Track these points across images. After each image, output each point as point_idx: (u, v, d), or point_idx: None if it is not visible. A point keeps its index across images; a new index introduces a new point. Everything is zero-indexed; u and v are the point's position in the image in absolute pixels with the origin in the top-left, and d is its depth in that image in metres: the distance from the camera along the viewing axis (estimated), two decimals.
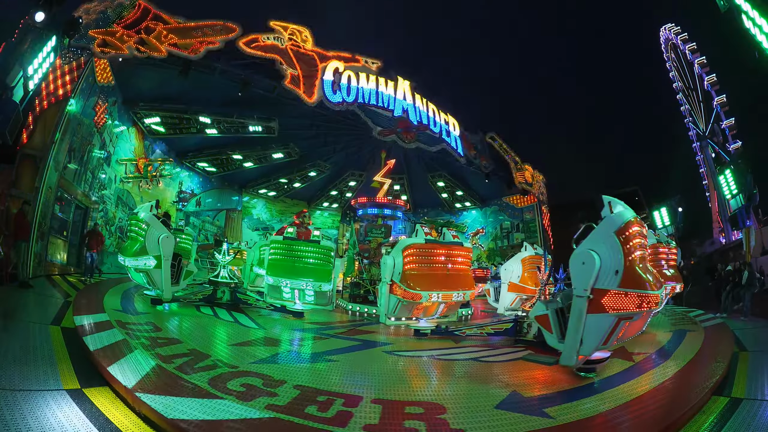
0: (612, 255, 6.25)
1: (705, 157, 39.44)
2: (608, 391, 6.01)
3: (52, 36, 12.41)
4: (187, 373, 5.62)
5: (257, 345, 8.28)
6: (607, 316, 6.19)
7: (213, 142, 26.85)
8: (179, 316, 10.35)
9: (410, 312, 11.39)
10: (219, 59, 18.91)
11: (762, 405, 5.45)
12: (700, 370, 7.01)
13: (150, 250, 11.01)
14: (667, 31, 41.26)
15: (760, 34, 17.76)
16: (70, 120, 15.11)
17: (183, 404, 4.57)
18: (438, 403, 5.30)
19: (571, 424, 4.81)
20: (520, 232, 34.27)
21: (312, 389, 5.47)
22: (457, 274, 11.45)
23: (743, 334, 10.79)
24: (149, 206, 11.62)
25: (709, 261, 29.47)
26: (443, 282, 10.99)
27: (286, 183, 33.98)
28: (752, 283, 14.67)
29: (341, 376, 6.48)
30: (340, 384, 5.97)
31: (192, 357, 6.45)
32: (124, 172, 22.10)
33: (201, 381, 5.36)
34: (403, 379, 6.86)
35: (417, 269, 11.08)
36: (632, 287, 6.15)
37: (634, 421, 4.98)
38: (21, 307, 9.30)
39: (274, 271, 13.13)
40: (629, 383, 6.37)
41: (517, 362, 7.94)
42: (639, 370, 7.19)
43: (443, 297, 10.84)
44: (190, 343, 7.38)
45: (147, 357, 6.08)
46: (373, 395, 5.43)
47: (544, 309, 7.79)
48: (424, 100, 25.14)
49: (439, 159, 29.30)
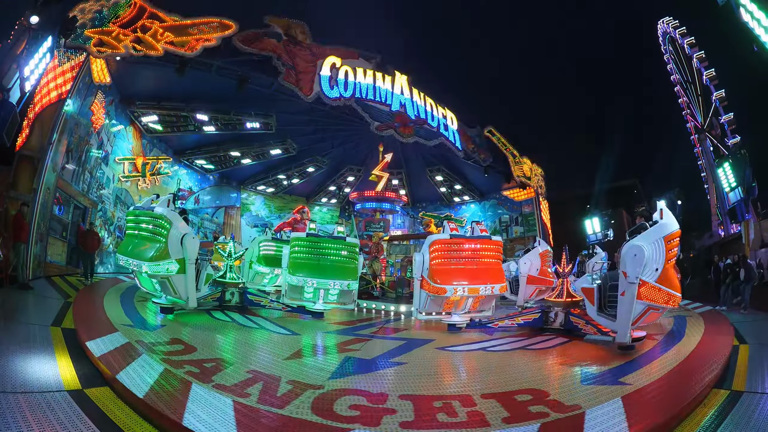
0: (657, 254, 7.77)
1: (703, 149, 39.38)
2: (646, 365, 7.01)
3: (48, 36, 12.42)
4: (282, 406, 4.74)
5: (313, 356, 7.98)
6: (639, 303, 7.67)
7: (210, 139, 26.94)
8: (199, 327, 9.33)
9: (440, 306, 11.38)
10: (216, 56, 18.87)
11: (763, 398, 5.43)
12: (700, 362, 7.05)
13: (172, 253, 9.48)
14: (665, 24, 41.05)
15: (759, 27, 17.75)
16: (67, 120, 15.12)
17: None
18: (537, 389, 5.67)
19: (647, 387, 5.64)
20: (519, 226, 34.33)
21: (422, 396, 5.35)
22: (485, 268, 11.28)
23: (743, 326, 10.83)
24: (167, 200, 10.11)
25: (708, 254, 29.53)
26: (469, 276, 10.92)
27: (284, 179, 34.04)
28: (751, 277, 14.74)
29: (430, 379, 6.54)
30: (438, 386, 6.07)
31: (262, 382, 5.56)
32: (122, 171, 22.13)
33: (303, 411, 4.65)
34: (489, 372, 7.24)
35: (442, 264, 11.04)
36: (665, 285, 7.81)
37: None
38: (21, 309, 9.33)
39: (299, 270, 12.11)
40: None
41: (563, 347, 8.98)
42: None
43: (469, 291, 10.80)
44: (240, 363, 6.59)
45: (217, 395, 4.96)
46: (480, 391, 5.58)
47: (590, 283, 9.47)
48: (421, 95, 25.16)
49: (437, 153, 29.37)
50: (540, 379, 6.43)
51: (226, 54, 19.00)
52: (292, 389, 5.37)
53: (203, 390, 5.02)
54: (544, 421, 4.48)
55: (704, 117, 38.41)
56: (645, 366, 6.91)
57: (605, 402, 4.98)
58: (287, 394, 5.17)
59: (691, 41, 37.66)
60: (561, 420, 4.54)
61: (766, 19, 17.34)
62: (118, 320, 8.56)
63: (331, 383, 5.80)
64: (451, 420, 4.58)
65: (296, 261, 12.22)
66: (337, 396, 5.21)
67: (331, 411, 4.69)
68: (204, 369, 5.94)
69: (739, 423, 4.74)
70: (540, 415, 4.62)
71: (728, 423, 4.76)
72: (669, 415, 4.77)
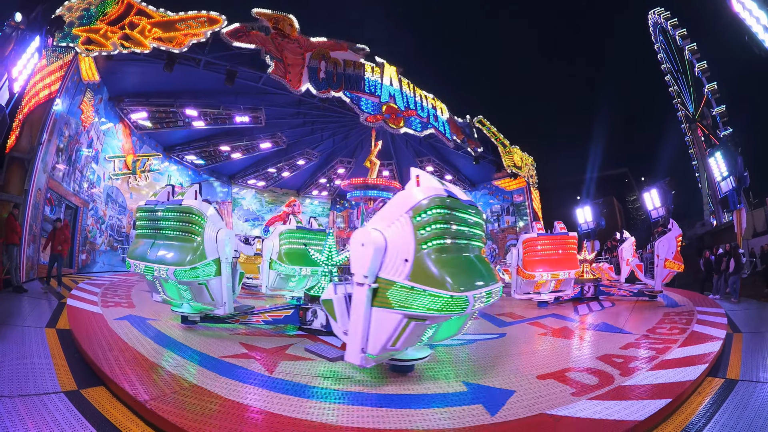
0: (673, 245, 14.45)
1: (694, 139, 39.58)
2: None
3: (36, 36, 12.35)
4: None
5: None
6: (665, 270, 14.55)
7: (200, 135, 26.92)
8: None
9: (531, 288, 14.36)
10: (204, 51, 18.84)
11: (757, 387, 5.53)
12: (693, 350, 7.13)
13: (209, 253, 7.98)
14: (656, 15, 41.08)
15: (751, 18, 17.80)
16: (57, 120, 15.06)
17: None
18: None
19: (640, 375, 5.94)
20: (510, 215, 34.47)
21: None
22: (564, 258, 14.23)
23: (736, 315, 11.03)
24: (194, 192, 8.48)
25: (700, 242, 29.78)
26: (553, 264, 14.03)
27: (274, 172, 34.01)
28: (740, 268, 15.00)
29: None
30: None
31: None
32: (112, 169, 22.05)
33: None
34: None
35: (532, 256, 14.14)
36: (676, 260, 14.56)
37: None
38: (16, 312, 9.33)
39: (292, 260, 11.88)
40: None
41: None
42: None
43: (552, 276, 13.92)
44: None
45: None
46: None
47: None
48: (410, 86, 25.25)
49: (427, 144, 29.46)
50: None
51: (214, 49, 18.97)
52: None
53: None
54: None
55: (696, 107, 38.58)
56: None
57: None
58: None
59: (683, 33, 37.74)
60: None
61: (757, 10, 17.40)
62: (113, 319, 8.56)
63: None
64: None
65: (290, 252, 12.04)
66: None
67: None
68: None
69: (734, 412, 4.82)
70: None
71: (723, 411, 4.84)
72: (662, 404, 4.79)
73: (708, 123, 36.48)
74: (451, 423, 4.30)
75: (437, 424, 4.25)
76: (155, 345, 6.89)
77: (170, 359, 6.19)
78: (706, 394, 5.38)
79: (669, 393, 5.00)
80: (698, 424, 4.57)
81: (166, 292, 8.53)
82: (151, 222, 8.33)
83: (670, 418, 4.72)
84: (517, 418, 4.42)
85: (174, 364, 5.96)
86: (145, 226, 8.40)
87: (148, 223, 8.36)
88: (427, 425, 4.24)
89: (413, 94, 25.27)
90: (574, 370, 6.11)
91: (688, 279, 18.13)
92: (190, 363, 6.07)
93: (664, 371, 5.92)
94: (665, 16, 39.73)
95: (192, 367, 5.91)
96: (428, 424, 4.27)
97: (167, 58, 17.93)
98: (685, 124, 40.66)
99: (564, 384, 5.44)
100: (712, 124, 36.03)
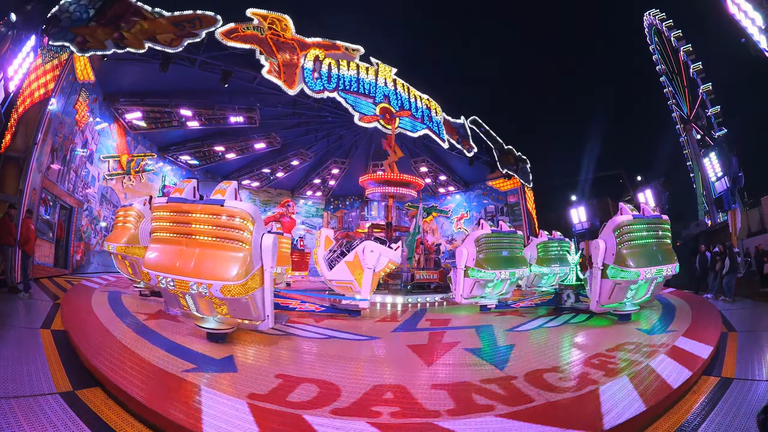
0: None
1: (689, 139, 39.73)
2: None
3: (31, 36, 12.32)
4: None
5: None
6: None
7: (195, 135, 26.81)
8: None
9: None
10: (199, 51, 18.74)
11: (752, 385, 5.55)
12: (688, 349, 7.16)
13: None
14: (651, 16, 41.19)
15: (746, 19, 17.83)
16: (52, 119, 14.96)
17: None
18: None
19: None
20: (504, 216, 34.49)
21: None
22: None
23: (730, 314, 11.11)
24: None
25: (695, 242, 29.91)
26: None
27: (269, 173, 33.91)
28: (734, 268, 15.02)
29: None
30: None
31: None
32: (107, 169, 21.96)
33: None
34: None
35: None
36: None
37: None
38: (11, 313, 9.28)
39: (492, 264, 12.38)
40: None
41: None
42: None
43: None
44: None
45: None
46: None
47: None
48: (405, 86, 25.26)
49: (421, 144, 29.47)
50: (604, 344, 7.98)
51: (209, 48, 18.86)
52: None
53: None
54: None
55: (690, 108, 38.72)
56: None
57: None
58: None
59: (678, 34, 37.86)
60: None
61: (752, 11, 17.42)
62: (108, 319, 8.43)
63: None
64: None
65: (488, 256, 12.74)
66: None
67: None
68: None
69: (729, 410, 4.83)
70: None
71: (719, 410, 4.86)
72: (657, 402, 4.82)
73: (703, 124, 36.66)
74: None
75: None
76: (152, 346, 6.83)
77: (168, 359, 6.17)
78: (701, 393, 5.41)
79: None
80: (694, 422, 4.59)
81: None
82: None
83: (665, 416, 4.77)
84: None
85: (173, 363, 5.94)
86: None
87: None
88: None
89: (407, 94, 25.27)
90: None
91: (683, 279, 18.15)
92: (189, 363, 6.04)
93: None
94: (660, 18, 39.84)
95: (190, 366, 5.88)
96: None
97: (162, 58, 17.83)
98: (680, 125, 40.77)
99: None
100: (707, 124, 36.22)
